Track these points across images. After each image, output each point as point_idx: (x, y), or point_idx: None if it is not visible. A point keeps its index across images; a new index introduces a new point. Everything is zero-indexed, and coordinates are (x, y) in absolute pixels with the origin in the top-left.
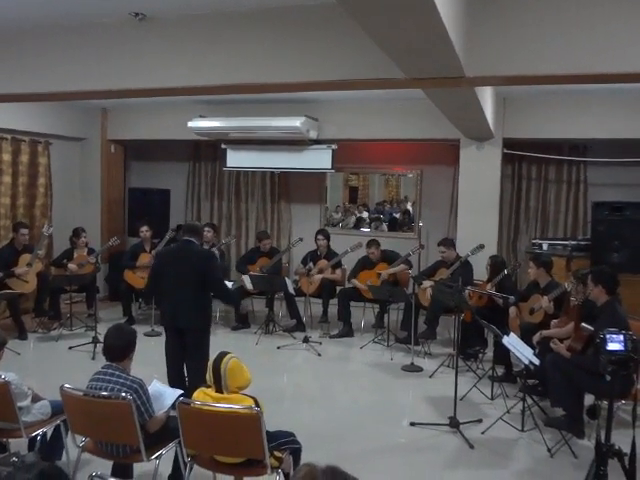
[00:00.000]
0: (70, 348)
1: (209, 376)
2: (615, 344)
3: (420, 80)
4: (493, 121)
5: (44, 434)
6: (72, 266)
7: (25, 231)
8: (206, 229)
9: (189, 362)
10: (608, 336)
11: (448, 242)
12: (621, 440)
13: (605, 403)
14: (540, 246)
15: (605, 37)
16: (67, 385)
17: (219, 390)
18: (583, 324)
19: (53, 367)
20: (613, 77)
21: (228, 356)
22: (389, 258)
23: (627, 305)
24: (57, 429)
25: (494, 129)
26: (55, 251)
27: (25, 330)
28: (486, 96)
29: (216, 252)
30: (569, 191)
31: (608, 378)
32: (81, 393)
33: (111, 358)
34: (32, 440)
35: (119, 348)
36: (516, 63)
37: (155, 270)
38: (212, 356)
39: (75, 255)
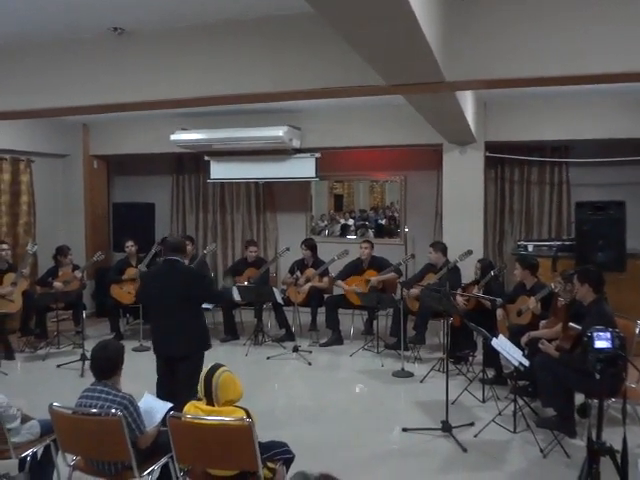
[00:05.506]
0: (58, 366)
1: (200, 388)
2: (602, 342)
3: (400, 86)
4: (475, 125)
5: (34, 454)
6: (57, 284)
7: (5, 246)
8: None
9: (182, 388)
10: (595, 334)
11: (439, 246)
12: (612, 438)
13: (595, 401)
14: (525, 247)
15: (583, 40)
16: (56, 404)
17: (210, 403)
18: (571, 323)
19: (41, 386)
20: (589, 78)
21: (221, 369)
22: (379, 265)
23: (612, 303)
24: (47, 449)
25: (476, 133)
26: (40, 268)
27: (12, 350)
28: (467, 100)
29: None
30: (552, 192)
31: (597, 376)
32: (70, 411)
33: (99, 376)
34: (22, 460)
35: (106, 365)
36: (495, 67)
37: (141, 293)
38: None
39: (60, 273)
